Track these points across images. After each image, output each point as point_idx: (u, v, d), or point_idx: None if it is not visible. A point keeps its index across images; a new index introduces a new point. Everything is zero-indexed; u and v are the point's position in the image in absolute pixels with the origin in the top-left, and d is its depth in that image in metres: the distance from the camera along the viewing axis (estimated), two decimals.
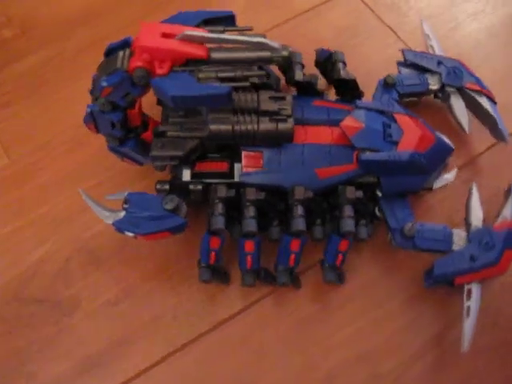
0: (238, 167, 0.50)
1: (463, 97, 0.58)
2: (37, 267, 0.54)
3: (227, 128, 0.48)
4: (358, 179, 0.50)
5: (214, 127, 0.48)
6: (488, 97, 0.57)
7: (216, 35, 0.45)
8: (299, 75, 0.53)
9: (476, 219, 0.49)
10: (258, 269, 0.51)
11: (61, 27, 0.70)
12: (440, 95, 0.59)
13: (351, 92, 0.55)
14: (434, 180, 0.51)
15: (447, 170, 0.54)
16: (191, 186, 0.50)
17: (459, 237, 0.49)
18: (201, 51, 0.46)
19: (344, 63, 0.56)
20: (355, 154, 0.50)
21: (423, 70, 0.59)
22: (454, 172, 0.52)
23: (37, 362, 0.50)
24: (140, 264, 0.54)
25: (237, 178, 0.50)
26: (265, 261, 0.51)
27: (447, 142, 0.52)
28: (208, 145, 0.50)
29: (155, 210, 0.48)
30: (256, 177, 0.50)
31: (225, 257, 0.52)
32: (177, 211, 0.48)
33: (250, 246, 0.49)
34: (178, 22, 0.47)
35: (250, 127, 0.49)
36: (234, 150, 0.50)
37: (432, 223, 0.50)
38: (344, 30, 0.69)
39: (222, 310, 0.52)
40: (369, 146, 0.49)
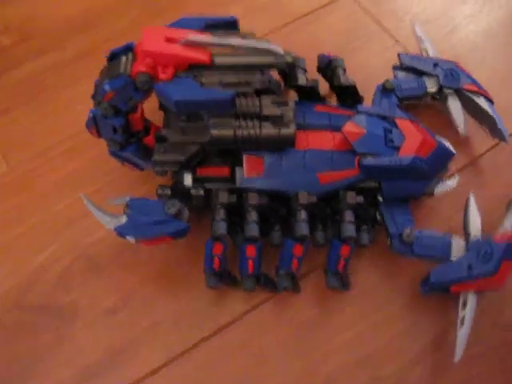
0: (240, 172, 0.50)
1: (461, 98, 0.58)
2: (37, 274, 0.54)
3: (229, 133, 0.48)
4: (360, 184, 0.50)
5: (216, 132, 0.48)
6: (485, 97, 0.58)
7: (220, 40, 0.45)
8: (302, 80, 0.53)
9: (475, 229, 0.49)
10: (259, 274, 0.51)
11: (59, 34, 0.70)
12: (438, 97, 0.59)
13: (351, 97, 0.55)
14: (436, 185, 0.51)
15: (449, 176, 0.54)
16: (193, 191, 0.50)
17: (458, 246, 0.49)
18: (204, 56, 0.46)
19: (344, 69, 0.56)
20: (357, 159, 0.50)
21: (420, 74, 0.59)
22: (456, 179, 0.52)
23: (37, 371, 0.50)
24: (140, 270, 0.54)
25: (238, 183, 0.50)
26: (265, 266, 0.51)
27: (448, 147, 0.52)
28: (209, 150, 0.50)
29: (157, 215, 0.48)
30: (258, 182, 0.50)
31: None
32: (179, 216, 0.48)
33: (252, 251, 0.49)
34: (181, 27, 0.47)
35: (253, 132, 0.49)
36: (236, 155, 0.50)
37: (431, 230, 0.50)
38: (342, 34, 0.69)
39: (222, 315, 0.51)
40: (370, 151, 0.49)
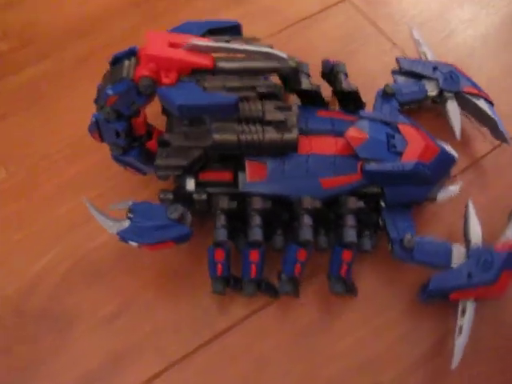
0: (242, 177, 0.50)
1: (461, 101, 0.59)
2: (39, 279, 0.53)
3: (232, 137, 0.48)
4: (362, 189, 0.50)
5: (218, 136, 0.48)
6: (485, 99, 0.58)
7: (224, 45, 0.45)
8: (307, 84, 0.53)
9: (475, 236, 0.49)
10: (260, 279, 0.50)
11: (58, 39, 0.70)
12: (438, 100, 0.59)
13: (353, 103, 0.55)
14: (438, 191, 0.51)
15: (452, 182, 0.54)
16: (195, 196, 0.50)
17: (459, 253, 0.49)
18: (207, 61, 0.46)
19: (346, 74, 0.56)
20: (359, 165, 0.50)
21: (419, 77, 0.59)
22: (459, 185, 0.52)
23: (38, 377, 0.49)
24: (141, 275, 0.53)
25: (241, 188, 0.50)
26: (265, 271, 0.51)
27: (450, 153, 0.52)
28: (212, 154, 0.50)
29: (160, 220, 0.48)
30: (260, 186, 0.49)
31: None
32: (182, 220, 0.48)
33: (256, 256, 0.49)
34: (184, 32, 0.47)
35: (256, 137, 0.48)
36: (238, 160, 0.50)
37: (432, 237, 0.50)
38: (339, 38, 0.69)
39: (223, 320, 0.51)
40: (373, 157, 0.49)
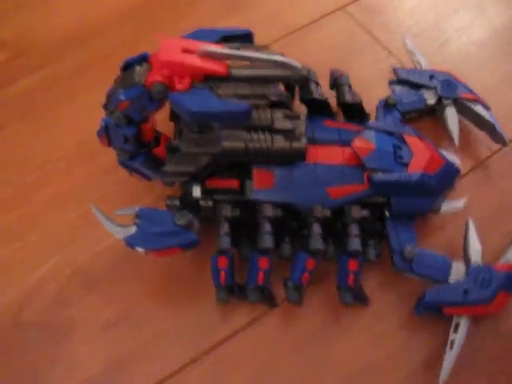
0: (249, 185, 0.50)
1: (459, 107, 0.59)
2: (37, 288, 0.53)
3: (241, 145, 0.49)
4: (368, 199, 0.51)
5: (228, 144, 0.48)
6: (482, 104, 0.59)
7: (238, 52, 0.45)
8: (317, 93, 0.54)
9: (474, 254, 0.50)
10: (264, 286, 0.50)
11: (56, 49, 0.69)
12: (437, 108, 0.60)
13: (357, 114, 0.56)
14: (442, 202, 0.52)
15: (456, 197, 0.54)
16: (202, 203, 0.50)
17: (458, 269, 0.49)
18: (221, 68, 0.46)
19: (349, 86, 0.57)
20: (366, 175, 0.50)
21: (416, 87, 0.60)
22: (463, 200, 0.52)
23: None
24: (142, 282, 0.53)
25: (248, 196, 0.50)
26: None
27: (454, 164, 0.53)
28: (220, 161, 0.50)
29: (167, 226, 0.47)
30: (268, 194, 0.50)
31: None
32: (189, 227, 0.48)
33: (265, 263, 0.49)
34: (197, 38, 0.47)
35: (264, 145, 0.49)
36: (244, 168, 0.50)
37: (433, 250, 0.51)
38: (335, 47, 0.69)
39: (226, 327, 0.51)
40: (381, 167, 0.50)
